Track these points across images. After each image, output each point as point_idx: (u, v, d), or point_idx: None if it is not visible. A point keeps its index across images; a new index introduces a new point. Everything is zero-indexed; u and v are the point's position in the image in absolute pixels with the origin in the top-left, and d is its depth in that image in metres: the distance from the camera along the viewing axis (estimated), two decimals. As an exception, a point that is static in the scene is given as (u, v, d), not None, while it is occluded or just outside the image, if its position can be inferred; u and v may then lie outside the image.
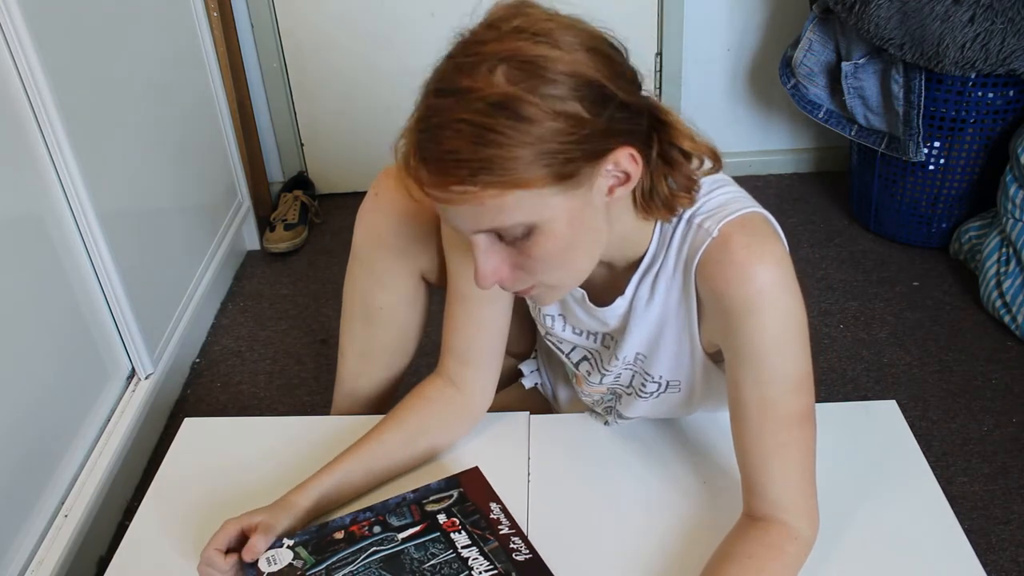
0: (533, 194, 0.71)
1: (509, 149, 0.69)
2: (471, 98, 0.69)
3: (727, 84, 2.41)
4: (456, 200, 0.72)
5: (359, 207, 1.10)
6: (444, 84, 0.72)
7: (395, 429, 1.02)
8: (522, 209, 0.72)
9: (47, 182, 1.36)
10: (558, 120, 0.69)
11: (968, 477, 1.48)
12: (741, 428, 0.85)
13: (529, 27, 0.71)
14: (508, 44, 0.70)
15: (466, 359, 1.04)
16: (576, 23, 0.74)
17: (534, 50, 0.70)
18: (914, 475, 1.00)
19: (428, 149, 0.71)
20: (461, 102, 0.70)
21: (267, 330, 1.96)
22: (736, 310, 0.80)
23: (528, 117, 0.69)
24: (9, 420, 1.22)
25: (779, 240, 0.83)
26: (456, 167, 0.70)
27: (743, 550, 0.84)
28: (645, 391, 0.98)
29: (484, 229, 0.75)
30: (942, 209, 2.05)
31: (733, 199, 0.84)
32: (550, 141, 0.70)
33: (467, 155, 0.69)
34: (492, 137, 0.69)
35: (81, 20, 1.46)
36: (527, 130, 0.69)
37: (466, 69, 0.71)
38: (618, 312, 0.92)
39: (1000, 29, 1.72)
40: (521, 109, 0.68)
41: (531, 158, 0.69)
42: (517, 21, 0.72)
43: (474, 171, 0.70)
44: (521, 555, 0.87)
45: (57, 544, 1.26)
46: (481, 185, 0.70)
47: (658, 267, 0.87)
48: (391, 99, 2.36)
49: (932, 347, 1.79)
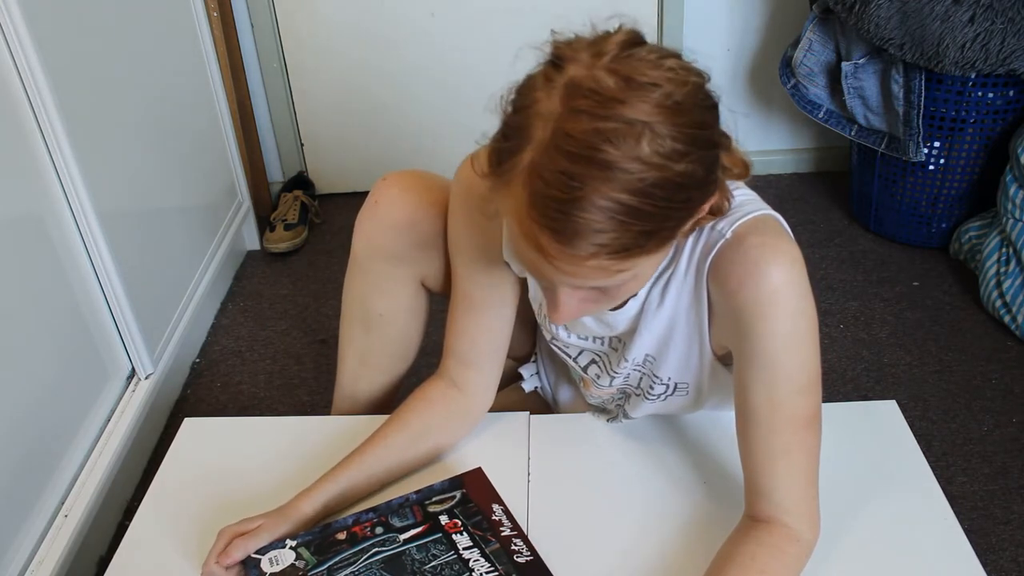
0: (659, 253, 0.72)
1: (664, 223, 0.68)
2: (624, 176, 0.64)
3: (727, 84, 2.40)
4: (585, 274, 0.70)
5: (358, 213, 1.09)
6: (584, 150, 0.64)
7: (399, 431, 1.02)
8: (640, 264, 0.71)
9: (47, 182, 1.36)
10: (699, 189, 0.69)
11: (968, 477, 1.48)
12: (748, 429, 0.85)
13: (654, 80, 0.66)
14: (645, 105, 0.65)
15: (468, 361, 1.04)
16: (677, 65, 0.69)
17: (674, 119, 0.65)
18: (914, 475, 1.00)
19: (561, 222, 0.66)
20: (612, 177, 0.64)
21: (267, 330, 1.96)
22: (748, 310, 0.80)
23: (680, 200, 0.67)
24: (9, 420, 1.22)
25: (792, 242, 0.82)
26: (598, 250, 0.67)
27: (746, 552, 0.84)
28: (652, 393, 0.98)
29: (599, 285, 0.73)
30: (942, 209, 2.05)
31: (746, 201, 0.84)
32: (694, 208, 0.70)
33: (619, 235, 0.66)
34: (646, 218, 0.66)
35: (81, 20, 1.46)
36: (680, 207, 0.68)
37: (612, 136, 0.64)
38: (629, 315, 0.92)
39: (1000, 29, 1.72)
40: (675, 183, 0.66)
41: (678, 227, 0.70)
42: (647, 76, 0.66)
43: (619, 249, 0.67)
44: (522, 557, 0.87)
45: (57, 544, 1.25)
46: (622, 259, 0.68)
47: (671, 271, 0.87)
48: (391, 99, 2.37)
49: (932, 347, 1.79)
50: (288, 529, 0.92)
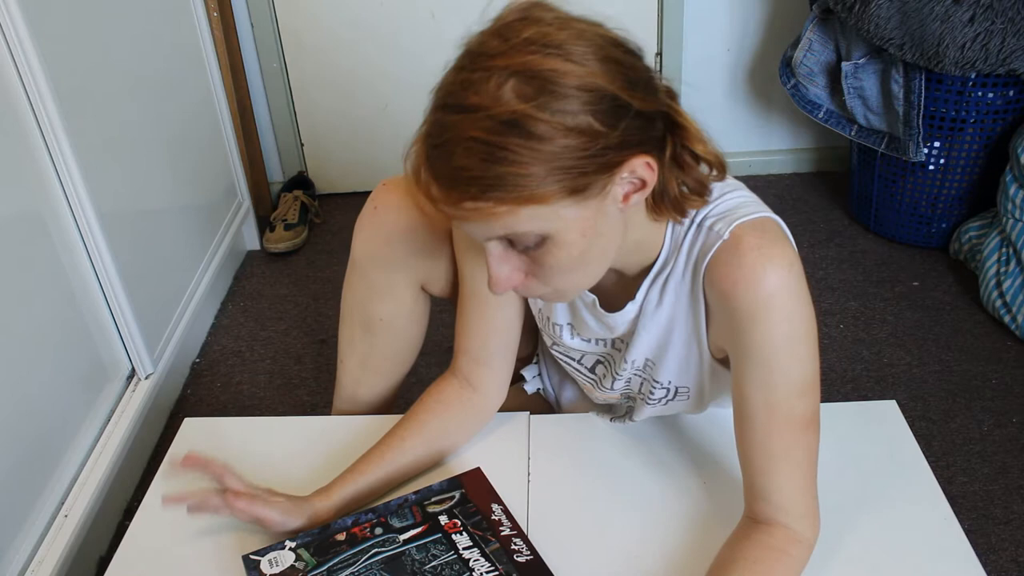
0: (546, 208, 0.70)
1: (521, 167, 0.68)
2: (480, 116, 0.68)
3: (727, 84, 2.41)
4: (469, 216, 0.71)
5: (358, 218, 1.09)
6: (452, 99, 0.70)
7: (416, 433, 1.02)
8: (535, 221, 0.71)
9: (47, 182, 1.36)
10: (570, 136, 0.68)
11: (968, 477, 1.48)
12: (746, 431, 0.85)
13: (540, 38, 0.69)
14: (517, 57, 0.68)
15: (481, 359, 1.04)
16: (589, 28, 0.72)
17: (544, 63, 0.68)
18: (914, 475, 1.00)
19: (438, 166, 0.70)
20: (470, 119, 0.68)
21: (267, 330, 1.96)
22: (744, 313, 0.79)
23: (539, 135, 0.67)
24: (9, 420, 1.22)
25: (790, 244, 0.82)
26: (467, 184, 0.69)
27: (747, 554, 0.84)
28: (653, 397, 0.98)
29: (496, 236, 0.75)
30: (942, 209, 2.05)
31: (745, 203, 0.84)
32: (563, 157, 0.68)
33: (478, 172, 0.68)
34: (503, 155, 0.67)
35: (81, 20, 1.46)
36: (538, 148, 0.67)
37: (474, 84, 0.69)
38: (628, 317, 0.92)
39: (1000, 29, 1.72)
40: (532, 127, 0.67)
41: (543, 175, 0.68)
42: (528, 32, 0.70)
43: (485, 188, 0.69)
44: (522, 556, 0.87)
45: (57, 544, 1.25)
46: (493, 201, 0.69)
47: (669, 271, 0.86)
48: (391, 99, 2.37)
49: (932, 347, 1.79)
50: (300, 524, 0.92)
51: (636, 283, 0.89)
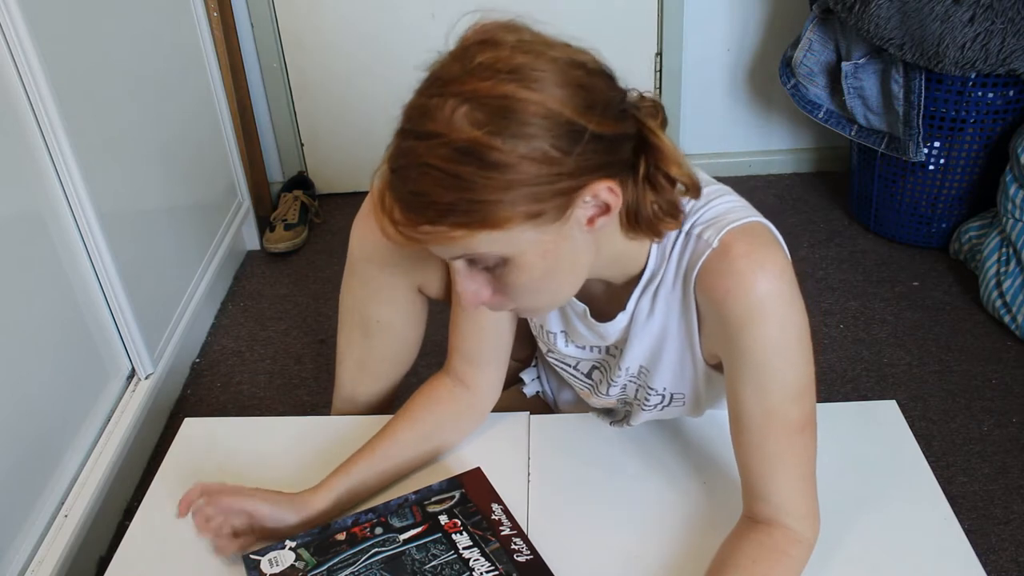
0: (503, 232, 0.70)
1: (475, 193, 0.68)
2: (435, 143, 0.68)
3: (727, 84, 2.41)
4: (427, 240, 0.72)
5: (354, 219, 1.09)
6: (411, 124, 0.71)
7: (408, 429, 1.02)
8: (493, 244, 0.72)
9: (47, 182, 1.36)
10: (525, 163, 0.67)
11: (968, 477, 1.48)
12: (742, 435, 0.85)
13: (495, 62, 0.69)
14: (471, 84, 0.68)
15: (474, 360, 1.04)
16: (550, 49, 0.71)
17: (500, 89, 0.67)
18: (914, 475, 1.00)
19: (398, 189, 0.71)
20: (425, 146, 0.68)
21: (267, 330, 1.96)
22: (735, 320, 0.79)
23: (493, 162, 0.67)
24: (9, 420, 1.22)
25: (780, 249, 0.82)
26: (424, 208, 0.70)
27: (747, 555, 0.84)
28: (649, 403, 0.98)
29: (458, 256, 0.75)
30: (942, 209, 2.05)
31: (732, 208, 0.83)
32: (518, 184, 0.68)
33: (434, 198, 0.69)
34: (457, 183, 0.68)
35: (81, 20, 1.46)
36: (493, 175, 0.67)
37: (431, 111, 0.69)
38: (619, 327, 0.91)
39: (1000, 29, 1.72)
40: (486, 155, 0.67)
41: (499, 201, 0.68)
42: (484, 56, 0.69)
43: (442, 213, 0.69)
44: (522, 556, 0.87)
45: (57, 544, 1.26)
46: (448, 226, 0.70)
47: (659, 281, 0.86)
48: (391, 99, 2.35)
49: (932, 347, 1.79)
50: (291, 517, 0.92)
51: (626, 292, 0.89)
